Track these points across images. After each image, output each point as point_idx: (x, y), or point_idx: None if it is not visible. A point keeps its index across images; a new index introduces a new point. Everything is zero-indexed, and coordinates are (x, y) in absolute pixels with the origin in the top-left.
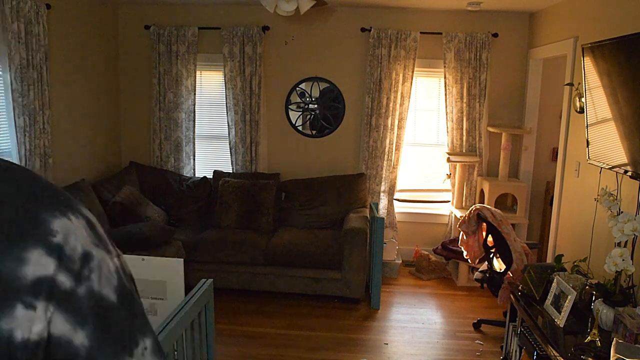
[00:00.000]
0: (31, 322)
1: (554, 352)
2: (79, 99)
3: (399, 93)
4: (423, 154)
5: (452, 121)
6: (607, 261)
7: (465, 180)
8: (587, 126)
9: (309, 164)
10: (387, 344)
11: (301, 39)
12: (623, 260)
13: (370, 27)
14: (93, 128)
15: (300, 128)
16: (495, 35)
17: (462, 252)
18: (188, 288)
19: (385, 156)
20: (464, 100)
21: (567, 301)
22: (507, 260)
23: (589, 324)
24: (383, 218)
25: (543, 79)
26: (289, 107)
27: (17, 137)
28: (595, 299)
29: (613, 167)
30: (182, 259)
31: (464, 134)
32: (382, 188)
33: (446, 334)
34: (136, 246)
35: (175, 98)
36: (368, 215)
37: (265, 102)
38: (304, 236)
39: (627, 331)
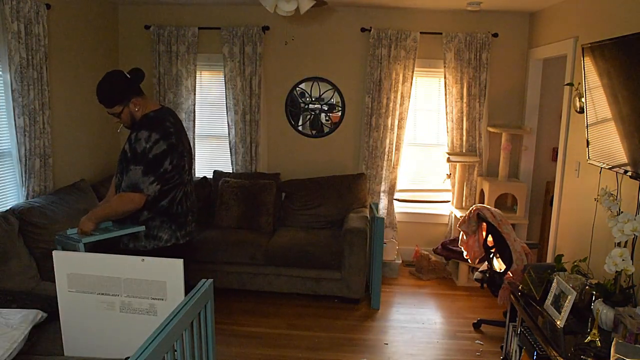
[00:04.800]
0: None
1: (554, 352)
2: (79, 99)
3: (399, 93)
4: (423, 154)
5: (452, 121)
6: (607, 261)
7: (465, 180)
8: (587, 126)
9: (309, 164)
10: (387, 344)
11: (301, 39)
12: (623, 260)
13: (370, 27)
14: (93, 128)
15: (300, 128)
16: (495, 35)
17: (462, 252)
18: (188, 288)
19: (385, 156)
20: (464, 100)
21: (567, 301)
22: (507, 260)
23: (589, 324)
24: (383, 218)
25: (543, 79)
26: (289, 107)
27: (17, 137)
28: (595, 299)
29: (613, 167)
30: (182, 259)
31: (464, 134)
32: (382, 188)
33: (446, 334)
34: None
35: (175, 98)
36: (368, 215)
37: (265, 102)
38: (304, 236)
39: (627, 331)
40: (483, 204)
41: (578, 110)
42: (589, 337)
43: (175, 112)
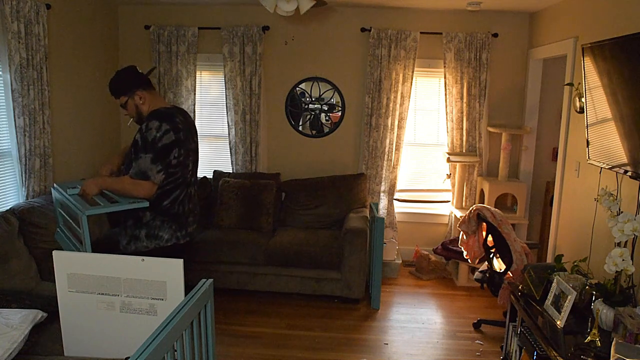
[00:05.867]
0: None
1: (554, 352)
2: (79, 99)
3: (399, 93)
4: (423, 154)
5: (452, 121)
6: (607, 261)
7: (465, 180)
8: (587, 126)
9: (309, 164)
10: (387, 344)
11: (301, 39)
12: (623, 260)
13: (370, 27)
14: (93, 128)
15: (300, 128)
16: (495, 35)
17: (462, 252)
18: (188, 288)
19: (385, 156)
20: (464, 100)
21: (567, 301)
22: (507, 260)
23: (589, 324)
24: (383, 218)
25: (543, 79)
26: (289, 107)
27: (17, 137)
28: (595, 299)
29: (613, 167)
30: (182, 259)
31: (464, 134)
32: (382, 188)
33: (446, 334)
34: None
35: (175, 98)
36: (368, 215)
37: (265, 102)
38: (304, 236)
39: (627, 331)
40: (483, 204)
41: (578, 110)
42: (589, 337)
43: (187, 112)
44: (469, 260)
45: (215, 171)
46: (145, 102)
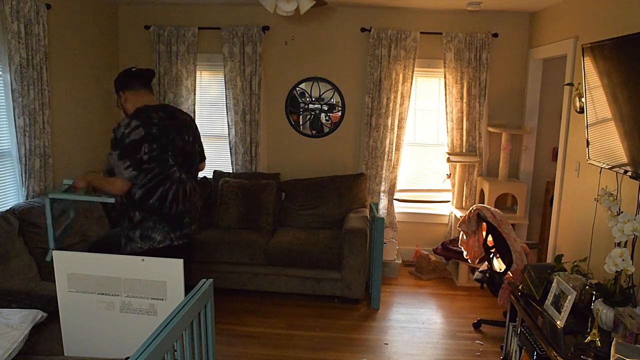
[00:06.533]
0: None
1: (554, 352)
2: (79, 99)
3: (399, 93)
4: (423, 154)
5: (452, 121)
6: (607, 261)
7: (465, 180)
8: (587, 126)
9: (309, 164)
10: (387, 344)
11: (301, 39)
12: (623, 260)
13: (370, 27)
14: (93, 128)
15: (300, 128)
16: (495, 35)
17: (462, 252)
18: (188, 288)
19: (385, 156)
20: (464, 100)
21: (567, 301)
22: (507, 260)
23: (589, 324)
24: (383, 218)
25: (543, 79)
26: (289, 107)
27: (17, 137)
28: (595, 299)
29: (613, 167)
30: (182, 259)
31: (464, 134)
32: (382, 188)
33: (446, 334)
34: None
35: (175, 98)
36: (368, 215)
37: (265, 102)
38: (304, 236)
39: (627, 331)
40: (483, 204)
41: (578, 110)
42: (589, 337)
43: (180, 110)
44: (469, 260)
45: (215, 171)
46: (127, 102)
